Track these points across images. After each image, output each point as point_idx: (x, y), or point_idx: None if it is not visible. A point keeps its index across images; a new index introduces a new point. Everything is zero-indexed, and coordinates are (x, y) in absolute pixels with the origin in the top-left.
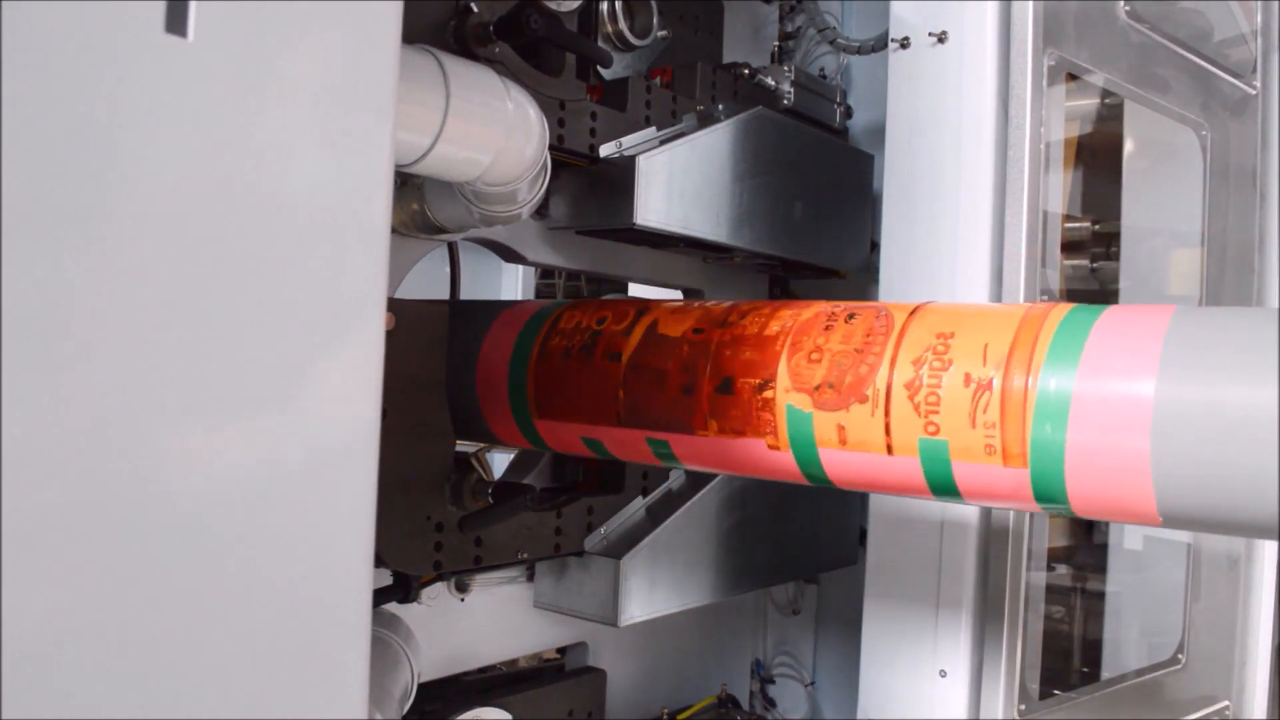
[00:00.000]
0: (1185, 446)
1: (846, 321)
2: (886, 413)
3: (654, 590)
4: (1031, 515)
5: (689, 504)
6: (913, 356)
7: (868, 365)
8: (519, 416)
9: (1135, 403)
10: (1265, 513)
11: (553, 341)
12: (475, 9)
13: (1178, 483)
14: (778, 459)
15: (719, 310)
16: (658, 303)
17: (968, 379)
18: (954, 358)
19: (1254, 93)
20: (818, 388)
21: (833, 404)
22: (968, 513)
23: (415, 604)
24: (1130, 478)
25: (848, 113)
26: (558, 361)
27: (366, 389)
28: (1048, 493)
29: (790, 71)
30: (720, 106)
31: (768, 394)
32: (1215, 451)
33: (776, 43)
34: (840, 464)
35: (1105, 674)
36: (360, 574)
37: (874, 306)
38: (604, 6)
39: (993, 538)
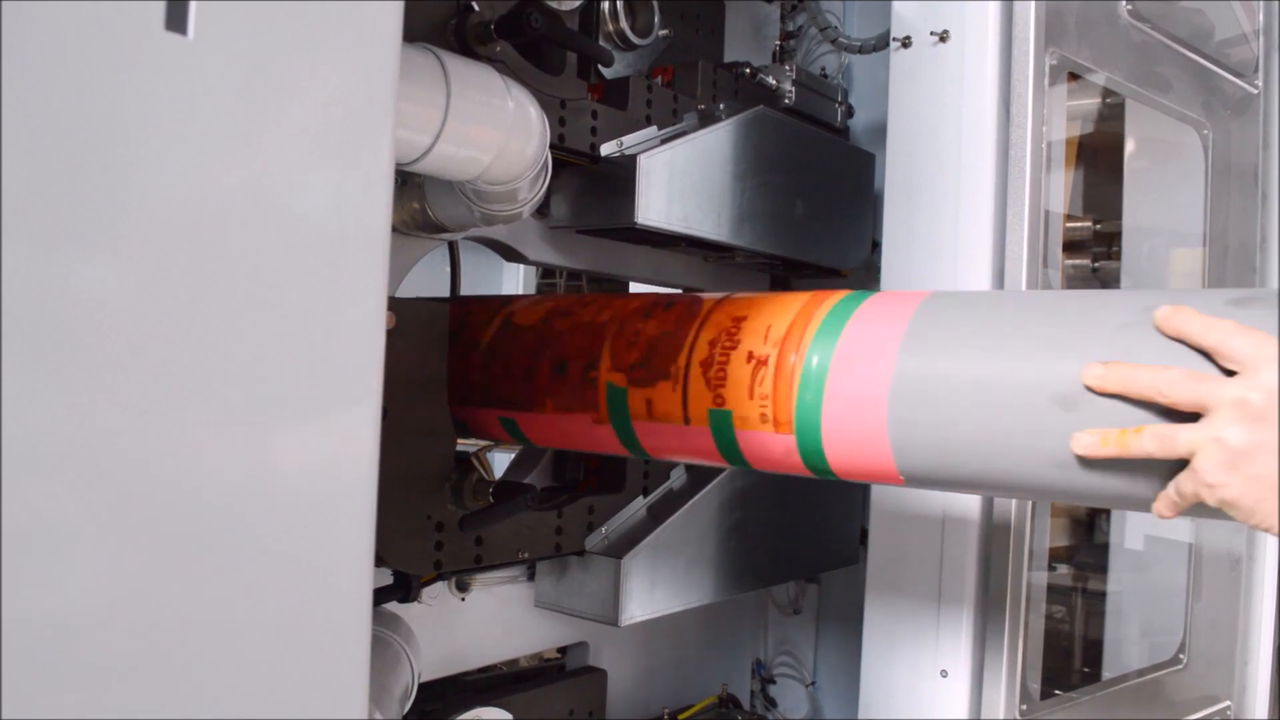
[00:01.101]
0: (915, 414)
1: (665, 309)
2: (685, 388)
3: (655, 590)
4: (1033, 516)
5: (690, 504)
6: (710, 338)
7: (673, 347)
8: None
9: (876, 377)
10: (979, 471)
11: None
12: (476, 8)
13: (911, 447)
14: (601, 431)
15: (566, 301)
16: (520, 298)
17: (749, 356)
18: (742, 338)
19: (1255, 92)
20: (632, 367)
21: (643, 381)
22: (969, 512)
23: (416, 603)
24: (873, 443)
25: (849, 112)
26: (455, 353)
27: (367, 388)
28: (812, 457)
29: (791, 71)
30: (721, 106)
31: (593, 374)
32: (938, 417)
33: (778, 42)
34: (650, 433)
35: (1106, 674)
36: (360, 573)
37: (691, 296)
38: (605, 5)
39: (994, 537)
